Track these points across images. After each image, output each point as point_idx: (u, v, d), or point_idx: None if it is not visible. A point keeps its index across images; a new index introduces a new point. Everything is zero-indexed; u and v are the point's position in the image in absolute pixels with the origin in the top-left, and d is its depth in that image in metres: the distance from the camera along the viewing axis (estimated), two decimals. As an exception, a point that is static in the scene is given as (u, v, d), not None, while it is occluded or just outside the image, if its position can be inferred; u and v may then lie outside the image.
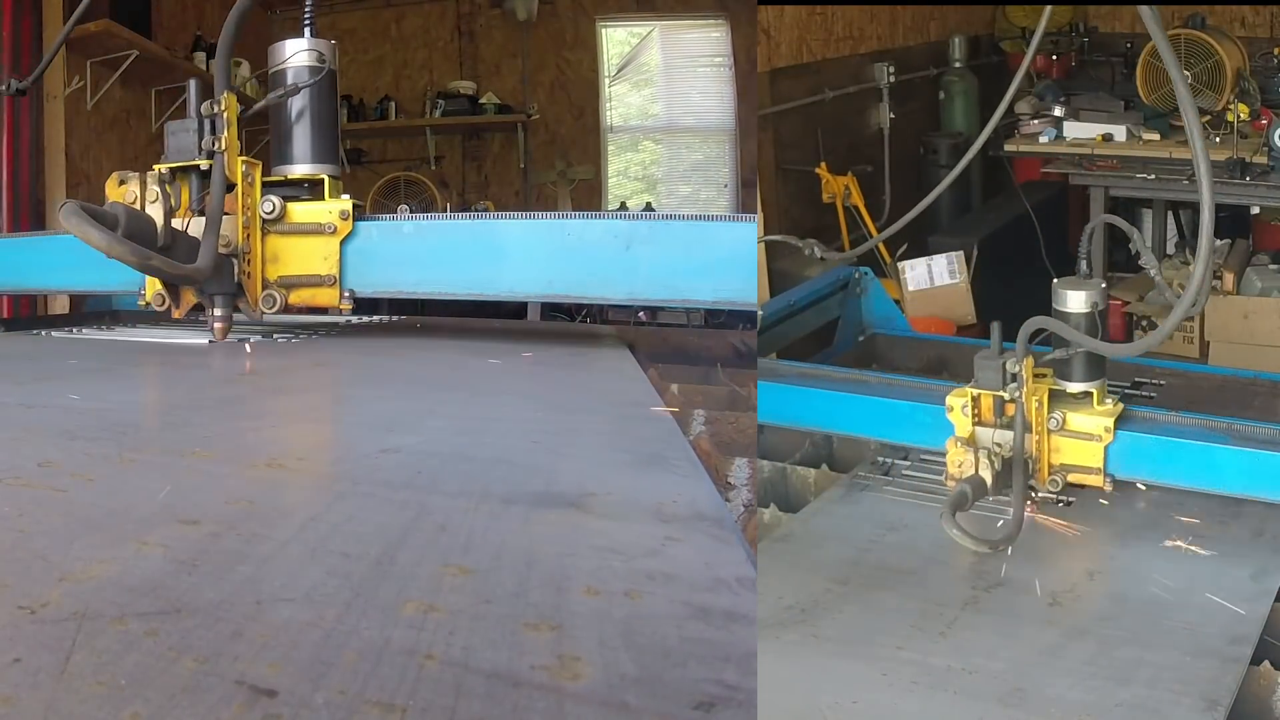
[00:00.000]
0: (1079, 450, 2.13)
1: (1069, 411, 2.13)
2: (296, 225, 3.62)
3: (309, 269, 3.62)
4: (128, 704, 0.82)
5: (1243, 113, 5.22)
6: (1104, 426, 2.11)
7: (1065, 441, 2.13)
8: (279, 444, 1.98)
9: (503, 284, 3.72)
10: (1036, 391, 2.10)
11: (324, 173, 3.72)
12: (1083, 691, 1.52)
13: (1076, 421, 2.13)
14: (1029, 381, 2.07)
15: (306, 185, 3.70)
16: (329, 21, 10.13)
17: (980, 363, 2.10)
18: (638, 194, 10.11)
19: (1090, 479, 2.13)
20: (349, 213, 3.62)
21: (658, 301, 4.36)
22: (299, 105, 3.73)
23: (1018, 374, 2.06)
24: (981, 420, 2.12)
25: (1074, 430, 2.13)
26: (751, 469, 2.25)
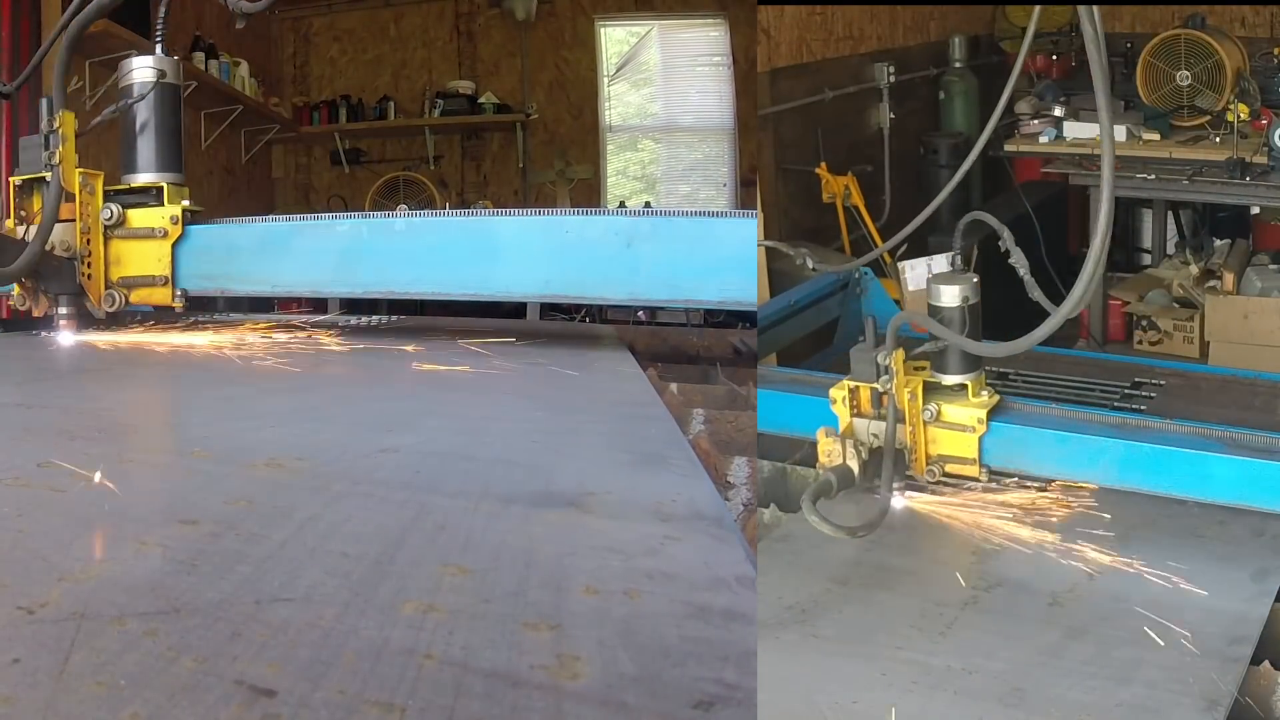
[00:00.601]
0: (954, 441, 2.18)
1: (944, 403, 2.17)
2: (134, 230, 3.86)
3: (145, 270, 3.85)
4: (127, 704, 0.82)
5: (1243, 113, 5.22)
6: (977, 418, 2.15)
7: (941, 432, 2.18)
8: (278, 444, 1.97)
9: (498, 284, 3.76)
10: (910, 384, 2.15)
11: (165, 180, 3.91)
12: (1083, 691, 1.52)
13: (951, 413, 2.17)
14: (900, 374, 2.12)
15: (153, 191, 3.90)
16: (328, 21, 10.14)
17: (855, 355, 2.15)
18: (637, 193, 10.11)
19: (966, 469, 2.17)
20: (179, 217, 3.85)
21: (660, 302, 4.37)
22: (141, 117, 3.92)
23: (889, 366, 2.10)
24: (860, 412, 2.16)
25: (949, 421, 2.17)
26: (752, 469, 2.25)
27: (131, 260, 3.86)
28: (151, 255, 3.85)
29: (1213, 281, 5.63)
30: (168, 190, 3.89)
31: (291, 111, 9.82)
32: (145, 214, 3.86)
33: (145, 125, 3.93)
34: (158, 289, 3.86)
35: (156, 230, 3.84)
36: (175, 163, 3.97)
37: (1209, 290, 5.57)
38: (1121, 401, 2.71)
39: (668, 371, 3.55)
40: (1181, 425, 2.18)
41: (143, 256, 3.85)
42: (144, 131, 3.93)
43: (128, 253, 3.86)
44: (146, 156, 3.93)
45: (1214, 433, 2.12)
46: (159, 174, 3.93)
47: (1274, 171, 4.99)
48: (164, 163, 3.94)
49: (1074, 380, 2.81)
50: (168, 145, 3.96)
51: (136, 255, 3.86)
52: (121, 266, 3.85)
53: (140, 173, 3.93)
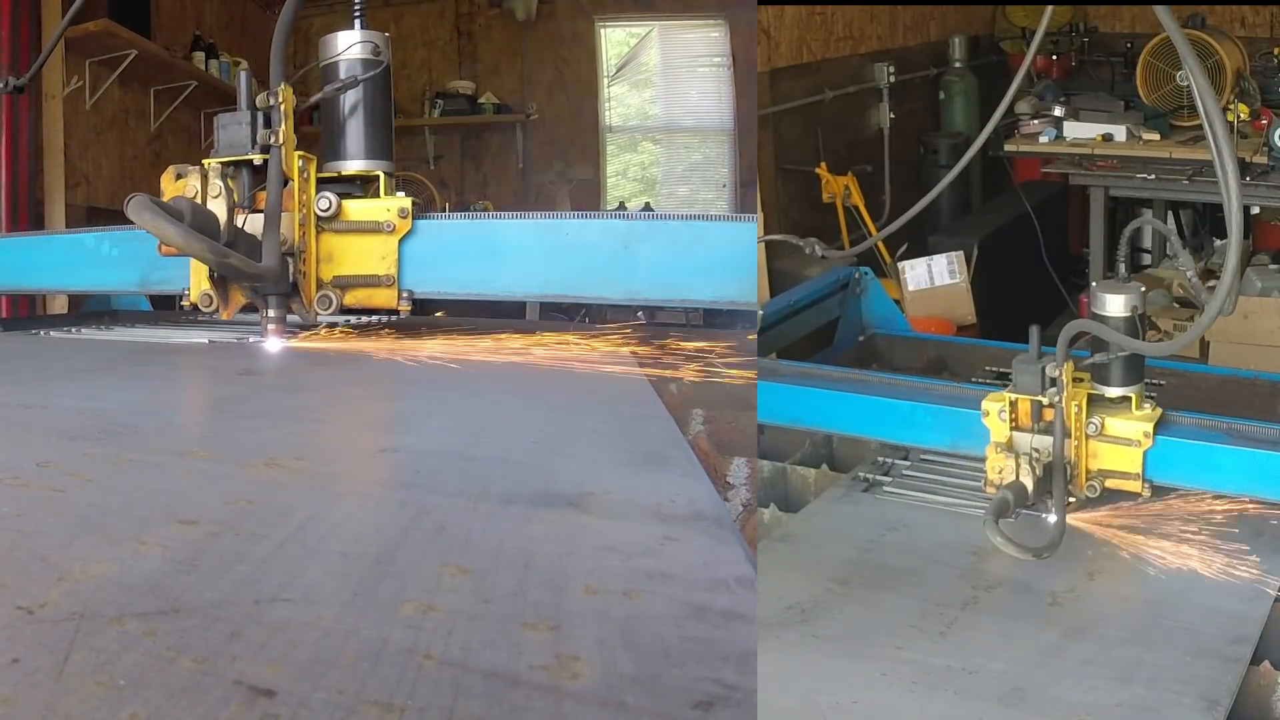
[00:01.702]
0: (1117, 455, 2.10)
1: (1107, 416, 2.10)
2: (353, 223, 3.52)
3: (365, 269, 3.52)
4: (126, 704, 0.82)
5: (1243, 113, 5.22)
6: (1143, 431, 2.08)
7: (1103, 447, 2.10)
8: (277, 443, 1.97)
9: (499, 284, 3.65)
10: (1075, 396, 2.08)
11: (379, 169, 3.63)
12: (1083, 691, 1.52)
13: (1115, 426, 2.10)
14: (1069, 386, 2.05)
15: (359, 182, 3.62)
16: (328, 22, 10.12)
17: (1019, 367, 2.07)
18: (636, 194, 10.11)
19: (1128, 484, 2.10)
20: (408, 210, 3.53)
21: (657, 301, 4.33)
22: (352, 99, 3.62)
23: (1057, 378, 2.03)
24: (1019, 425, 2.09)
25: (1112, 435, 2.10)
26: (751, 469, 2.25)
27: (347, 257, 3.52)
28: (374, 252, 3.51)
29: (1213, 281, 5.63)
30: (383, 180, 3.59)
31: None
32: (367, 206, 3.54)
33: (356, 106, 3.63)
34: (380, 290, 3.53)
35: (384, 224, 3.51)
36: (387, 150, 3.68)
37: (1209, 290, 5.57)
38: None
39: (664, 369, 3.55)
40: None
41: (362, 253, 3.52)
42: (353, 114, 3.62)
43: (342, 249, 3.52)
44: (356, 142, 3.61)
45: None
46: (370, 161, 3.63)
47: (1274, 171, 5.00)
48: (375, 149, 3.64)
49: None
50: (380, 130, 3.67)
51: (353, 251, 3.52)
52: (334, 264, 3.52)
53: (349, 160, 3.62)
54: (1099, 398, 2.13)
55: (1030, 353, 2.07)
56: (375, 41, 3.63)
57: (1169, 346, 2.07)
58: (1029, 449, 2.06)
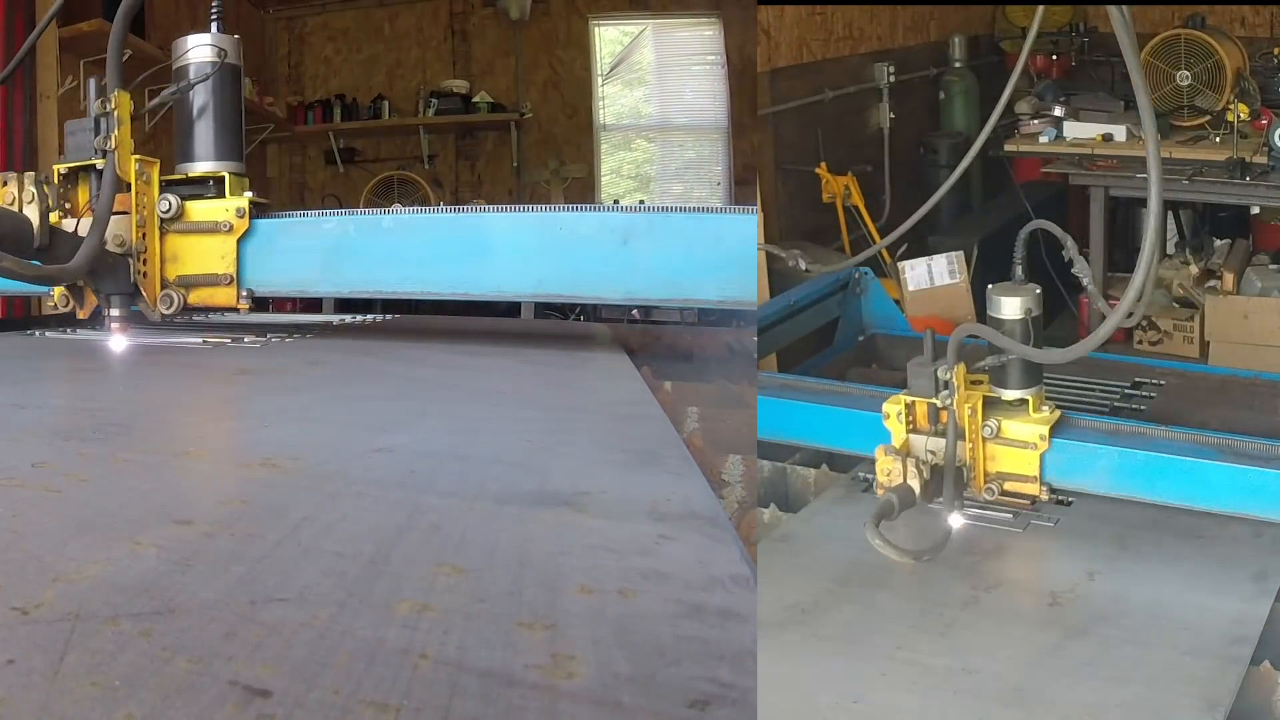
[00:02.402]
0: (1015, 458, 2.10)
1: (1004, 419, 2.10)
2: (195, 224, 3.59)
3: (207, 268, 3.60)
4: (121, 705, 0.81)
5: (1243, 113, 5.21)
6: (1039, 434, 2.08)
7: (1001, 449, 2.10)
8: (272, 443, 1.97)
9: (489, 283, 3.61)
10: (970, 399, 2.07)
11: (226, 170, 3.66)
12: (1083, 691, 1.52)
13: (1012, 429, 2.09)
14: (961, 388, 2.05)
15: (211, 183, 3.64)
16: (322, 21, 10.14)
17: (913, 369, 2.07)
18: (631, 192, 10.12)
19: (1027, 487, 2.09)
20: (245, 210, 3.58)
21: (658, 301, 4.28)
22: (199, 101, 3.67)
23: (949, 381, 2.03)
24: (916, 428, 2.09)
25: (1009, 438, 2.09)
26: (751, 469, 2.25)
27: (190, 257, 3.59)
28: (214, 252, 3.59)
29: (1213, 281, 5.63)
30: (229, 180, 3.63)
31: (286, 111, 9.82)
32: (207, 206, 3.59)
33: (204, 109, 3.67)
34: (220, 289, 3.60)
35: (221, 224, 3.57)
36: (235, 150, 3.73)
37: (1209, 290, 5.57)
38: (1121, 402, 2.71)
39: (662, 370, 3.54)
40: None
41: (204, 253, 3.59)
42: (201, 116, 3.67)
43: (185, 249, 3.59)
44: (205, 144, 3.67)
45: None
46: (218, 162, 3.68)
47: (1274, 171, 4.99)
48: (223, 150, 3.69)
49: (1074, 380, 2.80)
50: (228, 131, 3.71)
51: (195, 251, 3.59)
52: (179, 264, 3.59)
53: (197, 161, 3.68)
54: (996, 400, 2.12)
55: (925, 355, 2.07)
56: (222, 45, 3.65)
57: (1061, 354, 2.07)
58: (924, 451, 2.07)
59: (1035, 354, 2.07)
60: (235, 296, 3.59)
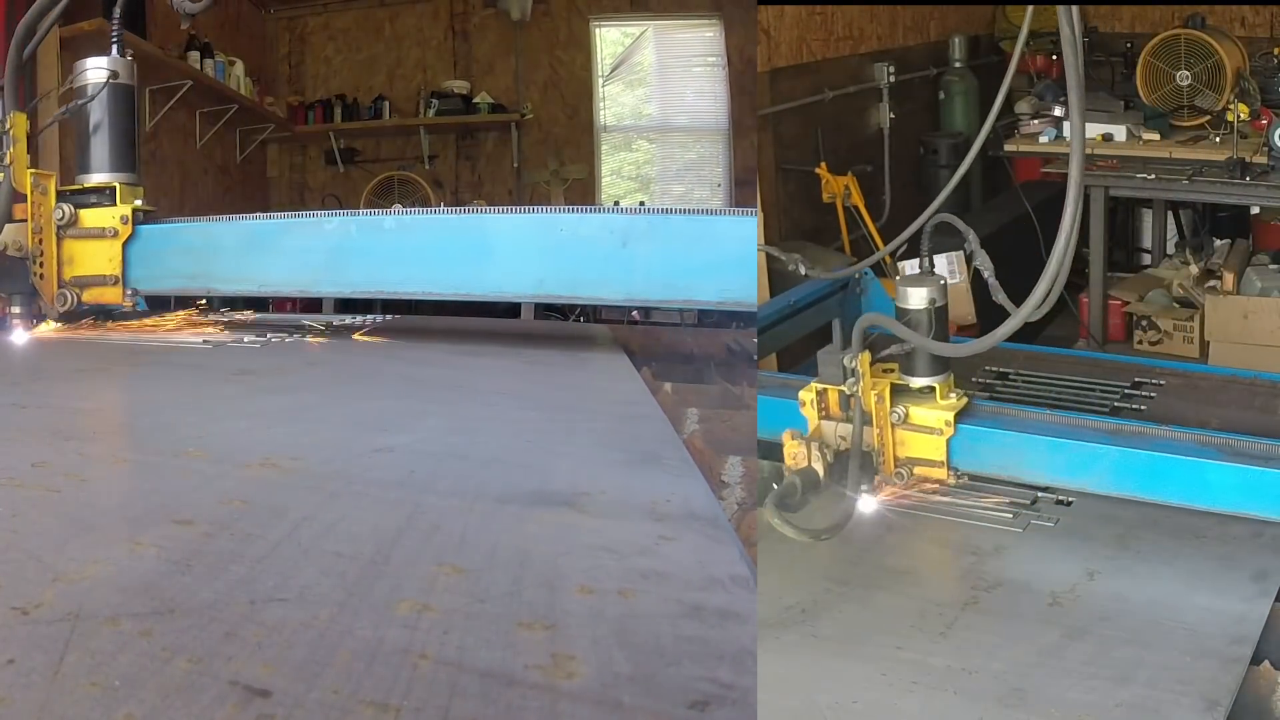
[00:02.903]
0: (922, 443, 2.18)
1: (912, 406, 2.17)
2: (86, 230, 3.87)
3: (96, 269, 3.88)
4: (121, 705, 0.81)
5: (1243, 113, 5.21)
6: (945, 420, 2.15)
7: (910, 435, 2.18)
8: (272, 444, 1.97)
9: (489, 283, 3.69)
10: (877, 386, 2.14)
11: (117, 180, 3.91)
12: (1083, 691, 1.51)
13: (919, 415, 2.17)
14: (867, 376, 2.11)
15: (107, 192, 3.91)
16: (322, 21, 10.13)
17: (823, 358, 2.15)
18: (631, 193, 10.11)
19: (934, 472, 2.17)
20: (129, 217, 3.86)
21: (657, 302, 4.33)
22: (95, 118, 3.91)
23: (855, 368, 2.10)
24: (829, 414, 2.16)
25: (917, 424, 2.17)
26: (751, 469, 2.24)
27: (83, 260, 3.88)
28: (102, 255, 3.88)
29: (1213, 281, 5.63)
30: (120, 190, 3.89)
31: (286, 111, 9.81)
32: (96, 214, 3.88)
33: (99, 125, 3.94)
34: (108, 288, 3.88)
35: (107, 230, 3.86)
36: (128, 163, 3.99)
37: (1209, 290, 5.57)
38: (1121, 402, 2.71)
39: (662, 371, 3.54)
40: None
41: (94, 256, 3.88)
42: (97, 132, 3.94)
43: (79, 252, 3.88)
44: (100, 156, 3.94)
45: (1200, 437, 2.10)
46: (112, 174, 3.94)
47: (1274, 171, 4.99)
48: (117, 162, 3.95)
49: (1074, 380, 2.80)
50: (120, 145, 3.97)
51: (88, 255, 3.88)
52: (74, 266, 3.88)
53: (94, 173, 3.94)
54: (904, 388, 2.19)
55: (835, 344, 2.14)
56: (115, 68, 3.93)
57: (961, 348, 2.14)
58: (835, 436, 2.14)
59: (934, 346, 2.15)
60: (121, 294, 3.89)
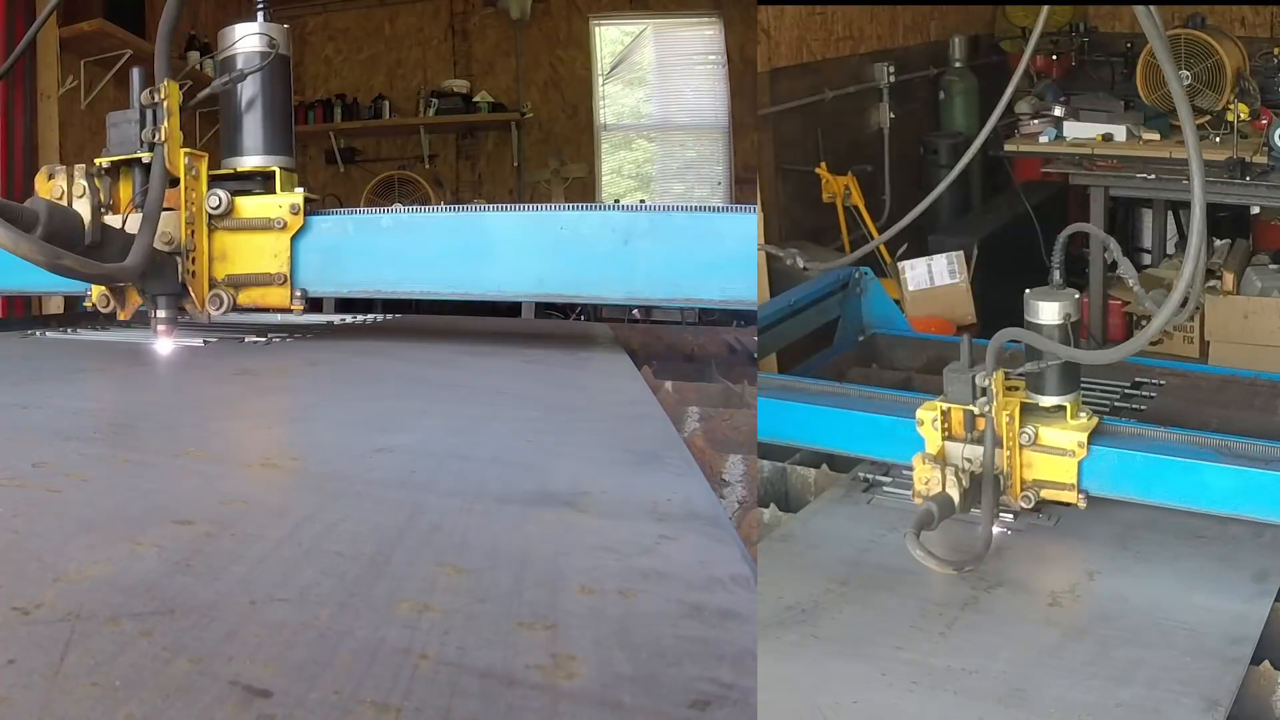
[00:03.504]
0: (1052, 466, 2.06)
1: (1041, 426, 2.06)
2: (245, 221, 3.45)
3: (258, 267, 3.46)
4: (122, 705, 0.81)
5: (1243, 113, 5.22)
6: (1077, 441, 2.05)
7: (1038, 457, 2.07)
8: (273, 443, 1.97)
9: (489, 282, 3.54)
10: (1007, 405, 2.04)
11: (276, 164, 3.54)
12: (1083, 691, 1.51)
13: (1049, 436, 2.06)
14: (999, 395, 2.02)
15: (259, 178, 3.52)
16: (322, 21, 10.14)
17: (950, 375, 2.04)
18: (631, 192, 10.13)
19: (1064, 495, 2.07)
20: (299, 206, 3.44)
21: (659, 301, 4.24)
22: (248, 93, 3.54)
23: (987, 388, 2.00)
24: (952, 435, 2.06)
25: (1046, 445, 2.06)
26: (750, 468, 2.24)
27: (240, 255, 3.45)
28: (267, 250, 3.44)
29: (1213, 281, 5.63)
30: (280, 176, 3.50)
31: (287, 110, 9.82)
32: (258, 203, 3.45)
33: (252, 102, 3.54)
34: (273, 288, 3.45)
35: (274, 221, 3.42)
36: (285, 145, 3.59)
37: (1209, 290, 5.57)
38: (1121, 401, 2.71)
39: (663, 370, 3.54)
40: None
41: (255, 251, 3.45)
42: (249, 109, 3.54)
43: (235, 247, 3.45)
44: (253, 137, 3.54)
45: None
46: (267, 157, 3.55)
47: (1274, 171, 4.99)
48: (273, 144, 3.55)
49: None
50: (278, 124, 3.58)
51: (246, 250, 3.45)
52: (228, 263, 3.44)
53: (246, 156, 3.55)
54: (1033, 407, 2.09)
55: (961, 361, 2.04)
56: (271, 34, 3.51)
57: (1106, 355, 2.05)
58: (961, 459, 2.04)
59: (1081, 355, 2.04)
60: (289, 297, 3.46)
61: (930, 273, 5.26)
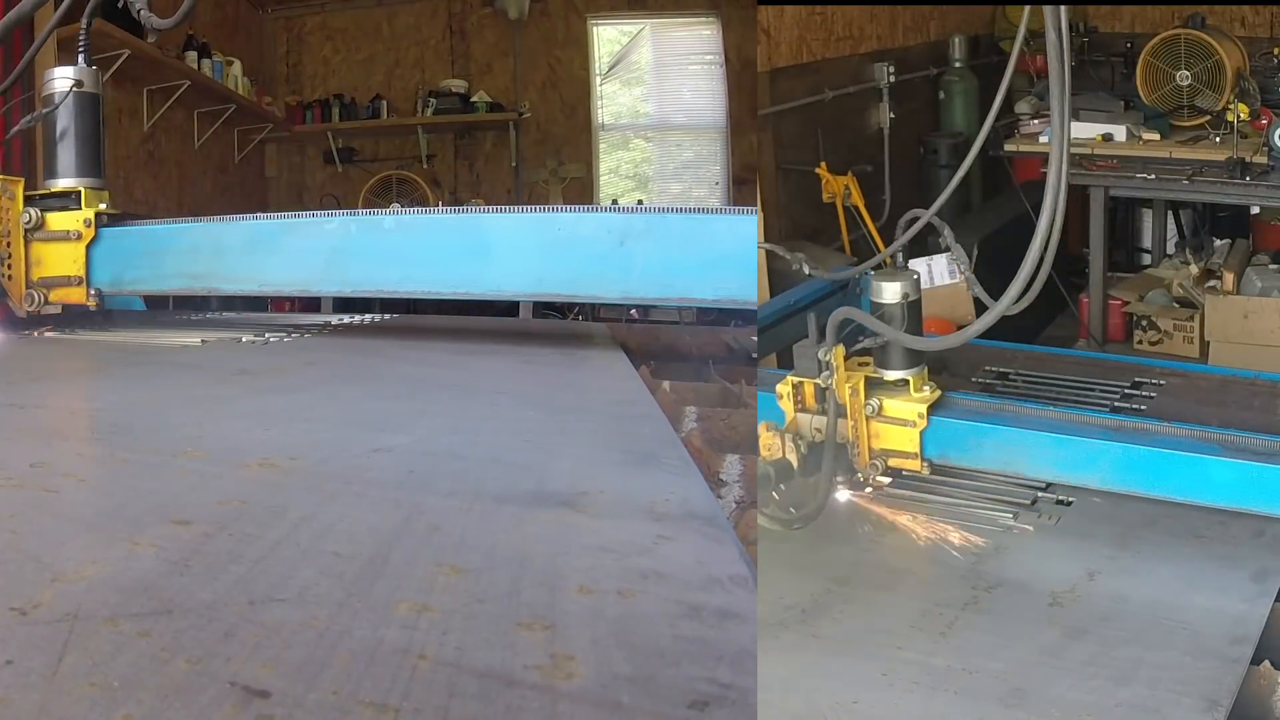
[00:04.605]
0: (896, 435, 2.21)
1: (886, 398, 2.20)
2: (53, 233, 3.98)
3: (62, 270, 3.99)
4: (120, 705, 0.81)
5: (1243, 113, 5.22)
6: (918, 412, 2.18)
7: (884, 427, 2.21)
8: (271, 443, 1.97)
9: (488, 282, 3.72)
10: (851, 379, 2.18)
11: (83, 185, 4.03)
12: (1083, 691, 1.51)
13: (892, 407, 2.20)
14: (841, 369, 2.16)
15: (74, 196, 4.01)
16: (320, 20, 10.14)
17: (799, 350, 2.20)
18: (629, 192, 10.13)
19: (908, 463, 2.21)
20: (92, 220, 3.98)
21: (654, 300, 4.38)
22: (61, 125, 4.04)
23: (829, 362, 2.14)
24: (805, 406, 2.21)
25: (891, 416, 2.20)
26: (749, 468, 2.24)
27: (50, 261, 3.99)
28: (67, 257, 3.98)
29: (1213, 281, 5.63)
30: (85, 194, 4.00)
31: (284, 110, 9.82)
32: (61, 217, 3.98)
33: (65, 132, 4.05)
34: (73, 289, 3.98)
35: (71, 233, 3.97)
36: (94, 168, 4.10)
37: (1209, 290, 5.57)
38: (1121, 401, 2.70)
39: (660, 369, 3.54)
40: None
41: (59, 258, 3.98)
42: (64, 138, 4.05)
43: (47, 254, 3.99)
44: (66, 162, 4.05)
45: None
46: (78, 179, 4.05)
47: (1274, 171, 4.99)
48: (83, 168, 4.06)
49: (1074, 380, 2.80)
50: (87, 151, 4.08)
51: (54, 257, 3.99)
52: (42, 267, 3.99)
53: (60, 178, 4.05)
54: (878, 381, 2.23)
55: (810, 338, 2.17)
56: (80, 76, 4.04)
57: (934, 343, 2.26)
58: (810, 429, 2.20)
59: (907, 340, 2.18)
60: (85, 295, 3.98)
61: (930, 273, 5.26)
